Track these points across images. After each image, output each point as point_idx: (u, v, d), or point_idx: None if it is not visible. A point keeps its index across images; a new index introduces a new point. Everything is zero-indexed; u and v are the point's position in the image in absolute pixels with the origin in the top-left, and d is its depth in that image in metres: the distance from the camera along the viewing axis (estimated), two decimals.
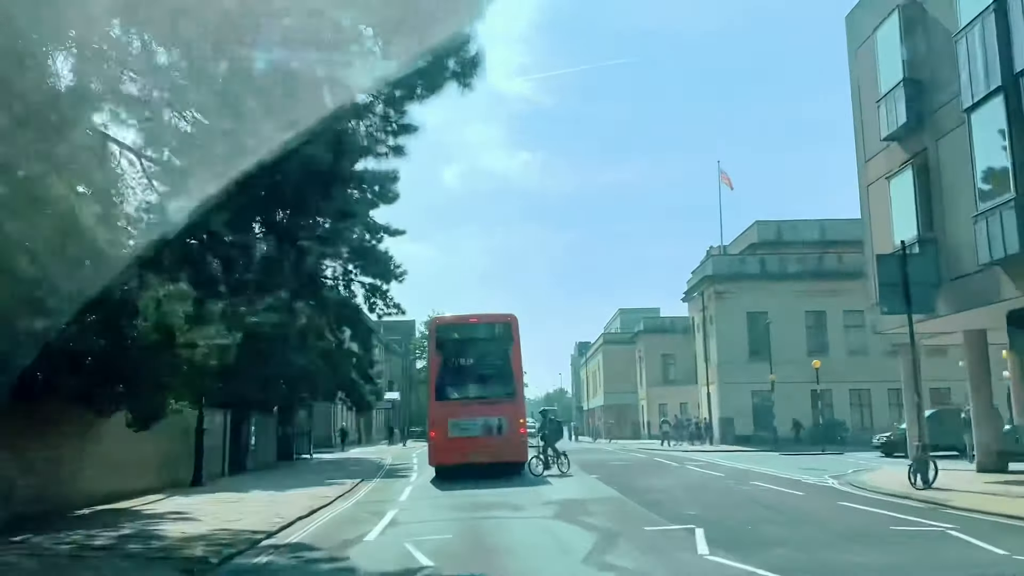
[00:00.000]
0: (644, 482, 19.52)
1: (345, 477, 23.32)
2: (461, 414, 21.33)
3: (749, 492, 16.86)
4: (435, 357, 22.12)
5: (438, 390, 21.86)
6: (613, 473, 22.61)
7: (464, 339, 22.43)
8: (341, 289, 39.86)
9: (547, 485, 18.90)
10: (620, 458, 32.29)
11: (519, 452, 21.59)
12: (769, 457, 31.42)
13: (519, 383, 21.89)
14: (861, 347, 45.59)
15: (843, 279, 45.44)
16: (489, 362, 22.05)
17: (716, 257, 48.10)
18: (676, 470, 24.26)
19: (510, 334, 22.12)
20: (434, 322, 22.08)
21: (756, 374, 44.56)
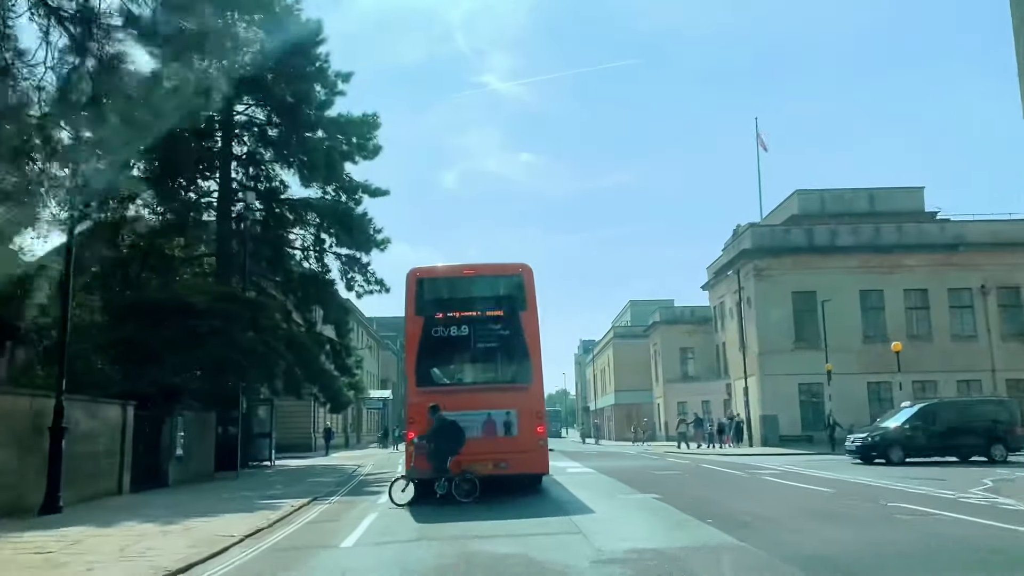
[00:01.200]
0: (732, 504, 12.89)
1: (294, 495, 16.75)
2: (452, 407, 14.77)
3: (928, 525, 10.16)
4: (414, 325, 15.40)
5: (419, 373, 15.23)
6: (673, 489, 15.87)
7: (457, 299, 15.79)
8: (312, 262, 33.41)
9: (589, 515, 12.19)
10: (658, 465, 25.54)
11: (537, 460, 14.98)
12: (840, 463, 24.68)
13: (536, 362, 15.26)
14: (925, 332, 39.01)
15: (904, 252, 38.88)
16: (493, 332, 15.44)
17: (756, 228, 41.41)
18: (753, 483, 17.57)
19: (522, 292, 15.49)
20: (413, 274, 15.44)
21: (803, 364, 38.14)
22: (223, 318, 22.96)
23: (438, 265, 16.12)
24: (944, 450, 24.90)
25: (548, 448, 15.26)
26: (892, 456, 24.50)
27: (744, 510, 11.81)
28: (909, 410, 26.36)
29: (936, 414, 25.71)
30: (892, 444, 24.87)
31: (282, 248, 32.89)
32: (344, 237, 32.01)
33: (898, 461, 24.17)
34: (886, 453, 24.69)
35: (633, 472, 21.24)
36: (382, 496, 16.60)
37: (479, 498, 13.79)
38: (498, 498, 14.02)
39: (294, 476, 24.15)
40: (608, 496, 14.68)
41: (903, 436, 24.98)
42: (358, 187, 31.73)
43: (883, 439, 25.23)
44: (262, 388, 28.09)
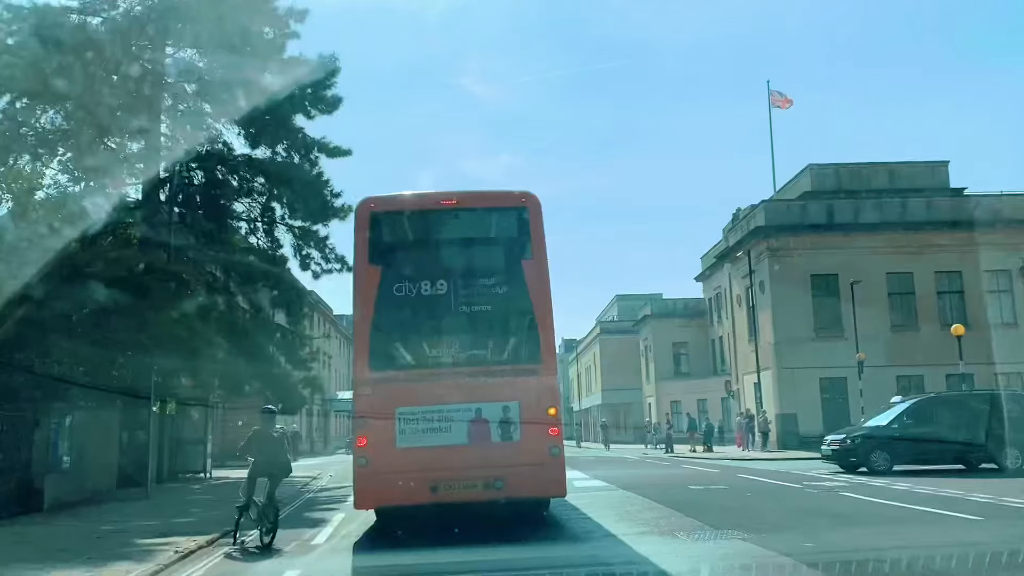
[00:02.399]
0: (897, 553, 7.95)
1: (204, 526, 11.89)
2: (422, 397, 9.96)
3: None
4: (366, 279, 10.44)
5: (373, 349, 10.32)
6: (751, 519, 10.79)
7: (431, 242, 10.90)
8: (260, 236, 28.30)
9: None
10: (678, 475, 20.70)
11: (548, 477, 10.19)
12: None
13: (547, 333, 10.42)
14: (960, 320, 34.54)
15: (935, 230, 34.57)
16: (483, 290, 10.60)
17: (770, 203, 36.87)
18: (865, 508, 12.72)
19: (526, 233, 10.65)
20: (366, 206, 10.40)
21: (825, 355, 33.64)
22: (133, 293, 17.90)
23: (404, 193, 11.18)
24: (942, 456, 20.00)
25: (564, 458, 10.36)
26: (875, 463, 19.91)
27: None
28: (900, 406, 21.69)
29: (933, 411, 20.88)
30: (875, 448, 20.17)
31: (225, 220, 27.78)
32: (297, 205, 26.91)
33: (883, 470, 19.54)
34: (867, 459, 20.11)
35: (658, 485, 16.46)
36: (323, 528, 11.65)
37: (461, 535, 8.98)
38: (488, 531, 9.20)
39: (226, 493, 19.08)
40: (661, 534, 9.71)
41: (889, 439, 20.23)
42: (313, 144, 26.63)
43: (864, 442, 20.60)
44: (188, 383, 23.00)
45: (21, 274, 17.15)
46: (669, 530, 9.41)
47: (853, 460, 20.45)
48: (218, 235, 27.29)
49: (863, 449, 20.33)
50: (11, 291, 15.78)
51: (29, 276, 17.05)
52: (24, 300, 15.82)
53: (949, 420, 20.24)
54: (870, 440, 20.52)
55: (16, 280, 16.37)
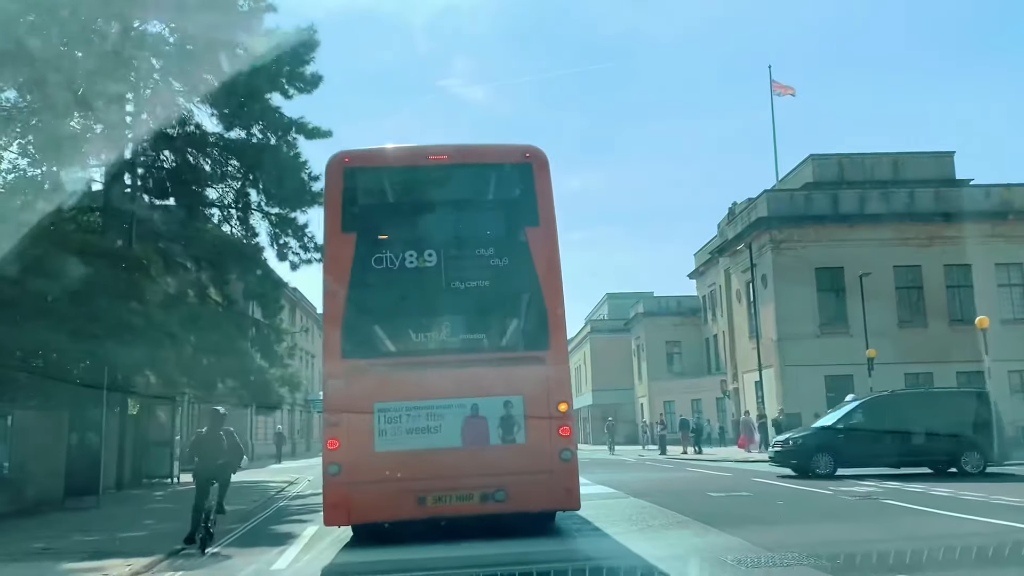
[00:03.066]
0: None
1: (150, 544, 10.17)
2: (406, 391, 8.27)
3: None
4: (339, 248, 8.71)
5: (346, 334, 8.58)
6: (799, 532, 9.04)
7: (416, 204, 9.19)
8: (234, 225, 26.45)
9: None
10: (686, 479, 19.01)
11: (558, 487, 8.54)
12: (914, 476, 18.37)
13: (556, 315, 8.71)
14: (969, 315, 33.10)
15: (944, 222, 33.12)
16: (480, 262, 8.88)
17: (773, 193, 35.31)
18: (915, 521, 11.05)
19: (531, 195, 8.95)
20: (339, 162, 8.74)
21: (830, 352, 32.15)
22: (84, 279, 16.06)
23: (385, 147, 9.41)
24: (895, 458, 18.60)
25: (577, 463, 8.63)
26: (816, 466, 18.62)
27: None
28: (850, 405, 20.42)
29: (885, 410, 19.41)
30: (818, 450, 18.86)
31: (197, 206, 25.91)
32: (274, 190, 25.04)
33: (826, 473, 18.31)
34: (808, 462, 18.79)
35: (671, 491, 14.76)
36: (289, 546, 9.87)
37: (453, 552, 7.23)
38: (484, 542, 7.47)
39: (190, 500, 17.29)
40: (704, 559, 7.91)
41: (835, 439, 18.99)
42: (291, 125, 24.74)
43: (806, 444, 19.37)
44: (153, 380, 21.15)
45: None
46: (712, 552, 7.69)
47: (794, 462, 19.24)
48: (189, 222, 25.45)
49: (804, 451, 19.10)
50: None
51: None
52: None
53: (904, 421, 18.73)
54: (813, 442, 19.36)
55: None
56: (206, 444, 10.21)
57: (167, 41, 24.56)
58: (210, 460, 10.06)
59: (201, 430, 10.69)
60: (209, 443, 10.18)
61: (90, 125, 24.64)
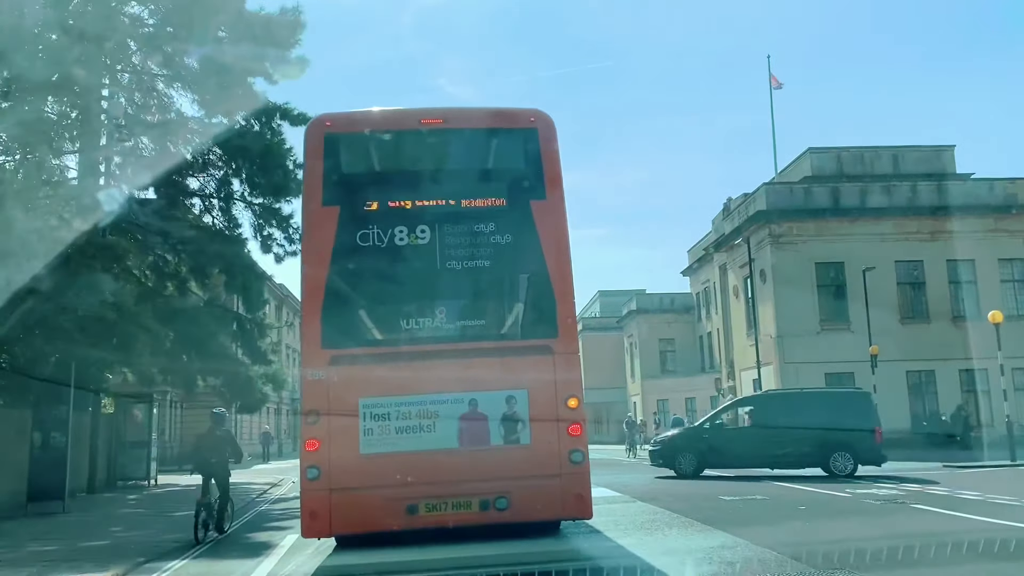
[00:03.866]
0: None
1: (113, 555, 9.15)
2: (396, 385, 7.30)
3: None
4: (320, 224, 7.70)
5: (326, 320, 7.55)
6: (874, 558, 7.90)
7: (406, 173, 8.20)
8: (216, 216, 25.37)
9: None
10: (719, 487, 18.06)
11: (567, 493, 7.49)
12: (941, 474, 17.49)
13: (564, 300, 7.73)
14: (973, 311, 32.39)
15: (947, 216, 32.33)
16: (479, 239, 7.89)
17: (771, 186, 34.44)
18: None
19: (537, 164, 7.98)
20: (319, 126, 7.80)
21: (831, 349, 31.28)
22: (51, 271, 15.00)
23: (371, 109, 8.39)
24: (762, 458, 18.35)
25: (589, 467, 7.65)
26: (680, 466, 18.67)
27: None
28: (722, 405, 20.85)
29: (755, 411, 19.51)
30: (683, 450, 18.99)
31: (176, 196, 24.80)
32: (258, 178, 23.93)
33: (688, 473, 18.45)
34: (673, 461, 18.89)
35: (679, 495, 13.80)
36: (264, 558, 8.86)
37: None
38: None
39: (165, 505, 16.32)
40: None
41: (700, 440, 19.18)
42: (275, 111, 23.62)
43: (672, 443, 19.75)
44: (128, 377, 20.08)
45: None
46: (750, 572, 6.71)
47: (661, 461, 19.46)
48: (169, 212, 24.35)
49: (669, 450, 19.32)
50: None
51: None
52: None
53: (775, 421, 18.51)
54: (679, 441, 19.71)
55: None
56: (204, 443, 11.06)
57: (145, 23, 23.45)
58: (206, 458, 10.76)
59: (202, 431, 11.61)
60: (207, 442, 10.98)
61: (65, 111, 23.52)
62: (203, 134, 24.18)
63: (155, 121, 24.05)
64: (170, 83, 24.07)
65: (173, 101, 24.22)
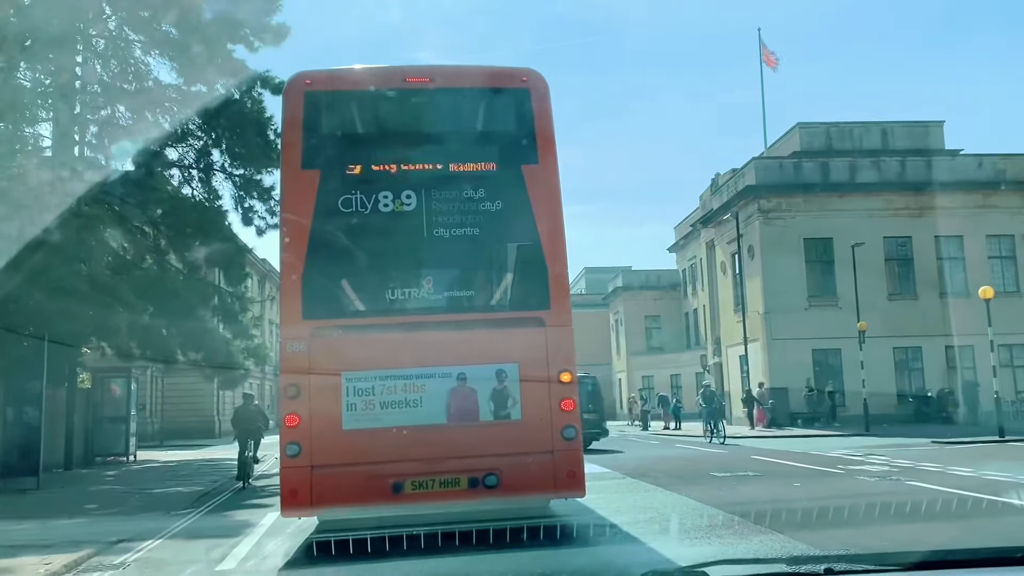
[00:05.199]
0: None
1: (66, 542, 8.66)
2: (380, 358, 6.91)
3: None
4: (299, 188, 7.25)
5: (308, 286, 7.14)
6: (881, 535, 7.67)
7: (390, 135, 7.75)
8: (195, 187, 24.80)
9: None
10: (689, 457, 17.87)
11: (560, 471, 7.13)
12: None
13: (557, 270, 7.35)
14: (960, 288, 32.37)
15: (936, 191, 32.15)
16: (468, 206, 7.47)
17: (761, 160, 34.12)
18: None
19: (529, 127, 7.57)
20: (299, 85, 7.34)
21: (818, 326, 31.24)
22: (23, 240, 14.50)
23: (354, 67, 7.92)
24: None
25: (581, 443, 7.34)
26: None
27: None
28: None
29: None
30: None
31: (155, 167, 24.17)
32: (238, 149, 23.38)
33: None
34: None
35: (670, 471, 13.55)
36: (244, 537, 8.52)
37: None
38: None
39: (144, 481, 15.94)
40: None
41: None
42: (256, 79, 23.00)
43: None
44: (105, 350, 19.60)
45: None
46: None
47: None
48: (147, 183, 23.75)
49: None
50: None
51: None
52: None
53: None
54: None
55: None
56: (240, 414, 15.40)
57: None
58: (247, 424, 14.90)
59: (238, 405, 16.32)
60: (243, 414, 15.28)
61: (38, 79, 22.82)
62: (182, 103, 23.56)
63: (132, 89, 23.41)
64: (147, 50, 23.40)
65: (151, 69, 23.58)
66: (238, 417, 15.25)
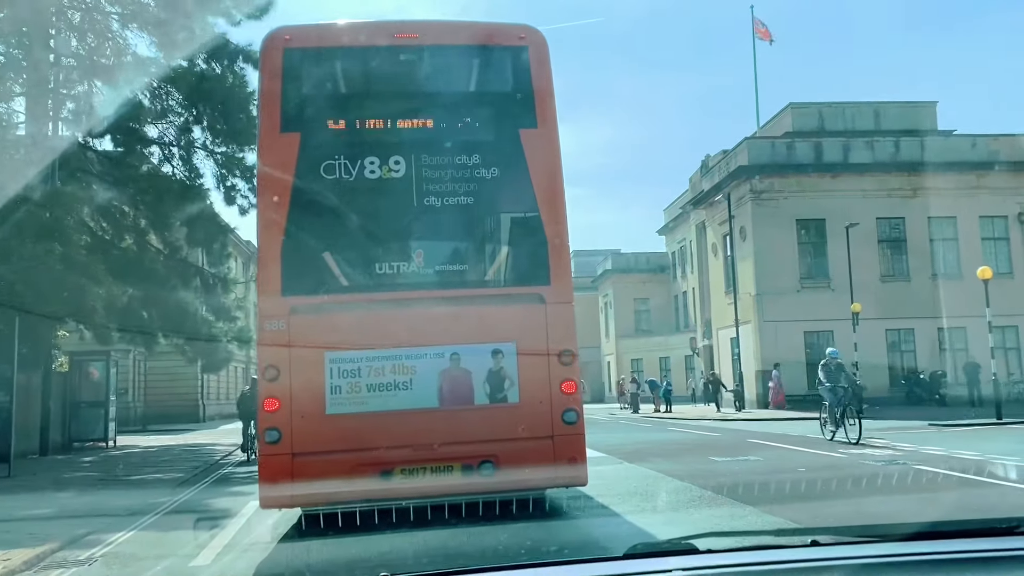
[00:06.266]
0: None
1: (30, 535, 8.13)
2: (366, 337, 6.39)
3: None
4: (279, 150, 6.66)
5: (288, 259, 6.58)
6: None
7: (378, 96, 7.15)
8: (176, 166, 24.12)
9: None
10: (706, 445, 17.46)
11: (564, 458, 6.61)
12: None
13: (558, 242, 6.80)
14: (953, 270, 32.12)
15: (929, 172, 31.76)
16: (462, 172, 6.87)
17: (753, 140, 33.64)
18: None
19: (527, 88, 6.98)
20: (277, 42, 6.75)
21: (810, 307, 30.89)
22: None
23: (337, 22, 7.30)
24: None
25: (584, 427, 6.84)
26: None
27: None
28: None
29: None
30: None
31: (134, 145, 23.45)
32: (220, 126, 22.70)
33: None
34: None
35: (667, 455, 13.12)
36: (222, 528, 8.00)
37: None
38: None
39: (122, 468, 15.35)
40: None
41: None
42: (238, 53, 22.28)
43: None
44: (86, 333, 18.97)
45: None
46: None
47: None
48: (125, 161, 23.04)
49: None
50: None
51: None
52: None
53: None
54: None
55: None
56: (247, 396, 16.10)
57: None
58: (249, 406, 14.93)
59: (246, 388, 17.63)
60: (250, 395, 15.45)
61: (11, 52, 22.02)
62: (161, 78, 22.84)
63: (110, 64, 22.69)
64: (125, 23, 22.67)
65: (129, 43, 22.90)
66: (243, 399, 16.47)
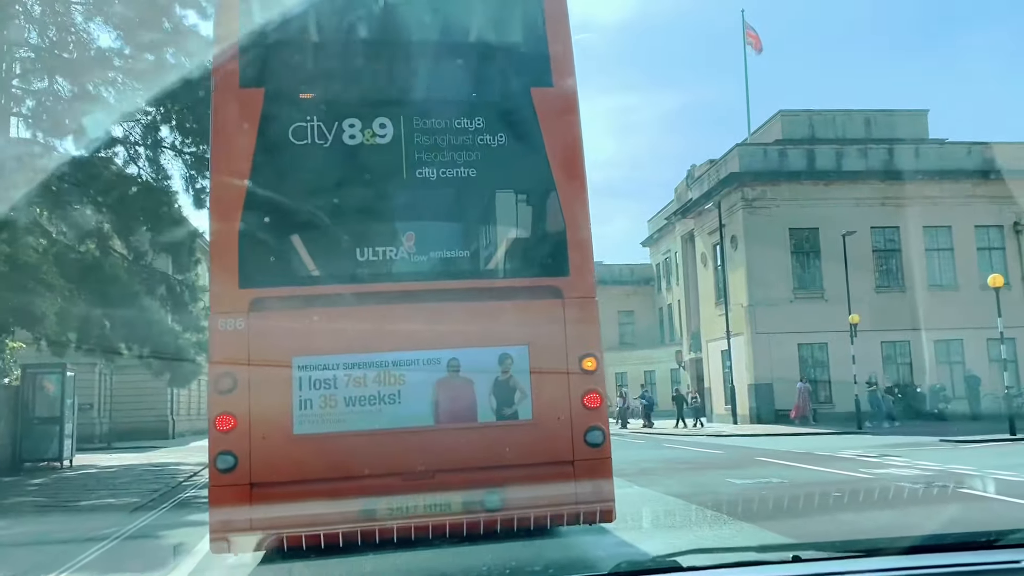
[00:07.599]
0: None
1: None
2: (344, 339, 5.07)
3: None
4: (237, 110, 5.43)
5: (247, 245, 5.29)
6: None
7: (361, 46, 5.91)
8: (143, 166, 22.82)
9: None
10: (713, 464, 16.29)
11: (586, 487, 5.34)
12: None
13: (578, 226, 5.56)
14: (949, 280, 31.37)
15: (924, 180, 31.06)
16: (460, 138, 5.62)
17: (745, 147, 32.72)
18: None
19: (541, 41, 5.77)
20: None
21: (804, 319, 29.92)
22: None
23: None
24: None
25: (610, 449, 5.63)
26: None
27: None
28: None
29: None
30: None
31: (97, 145, 22.12)
32: (189, 124, 21.47)
33: None
34: None
35: (675, 475, 11.92)
36: (173, 571, 6.68)
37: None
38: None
39: (72, 491, 13.92)
40: None
41: None
42: (209, 48, 21.01)
43: None
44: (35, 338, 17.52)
45: None
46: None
47: None
48: (87, 161, 21.65)
49: None
50: None
51: None
52: None
53: None
54: None
55: None
56: None
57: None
58: None
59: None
60: None
61: None
62: (127, 74, 21.63)
63: (72, 59, 21.46)
64: (89, 16, 21.48)
65: (93, 37, 21.73)
66: None
